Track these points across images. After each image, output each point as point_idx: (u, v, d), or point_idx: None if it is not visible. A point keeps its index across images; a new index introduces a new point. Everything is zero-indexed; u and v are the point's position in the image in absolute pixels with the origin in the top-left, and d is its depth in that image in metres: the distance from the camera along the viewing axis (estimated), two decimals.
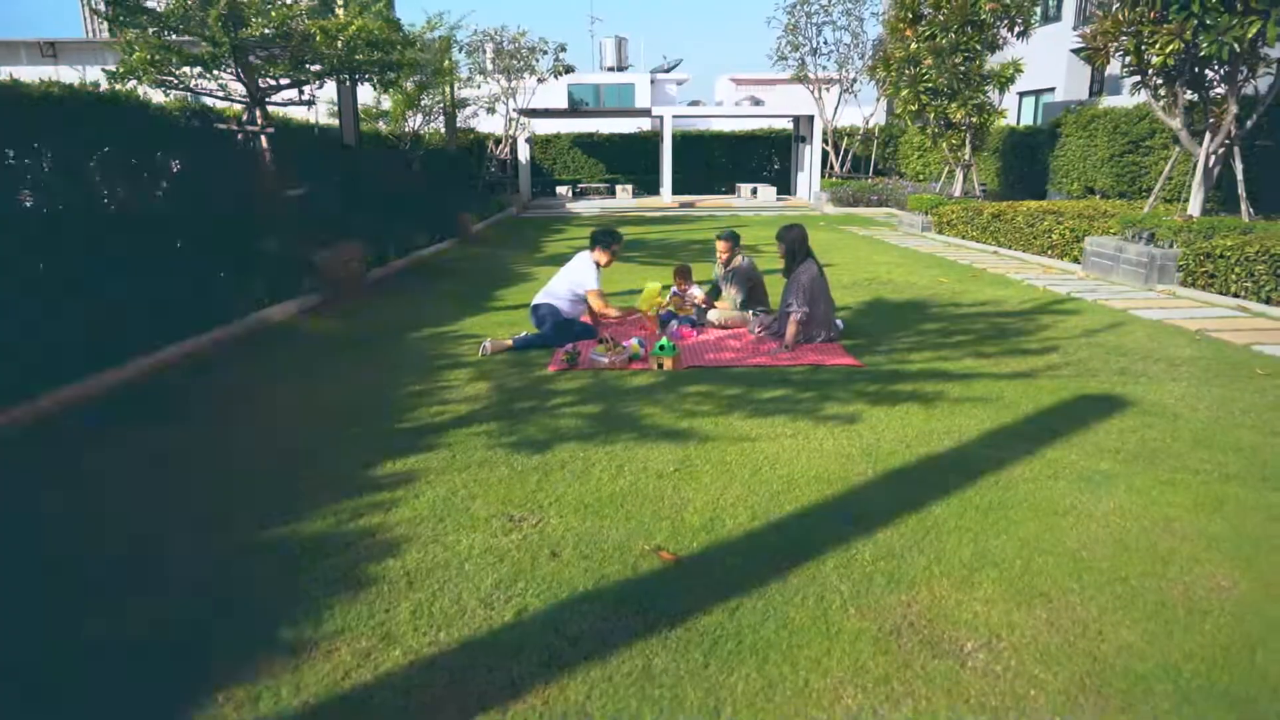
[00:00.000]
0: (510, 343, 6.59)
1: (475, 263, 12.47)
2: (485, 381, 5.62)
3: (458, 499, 3.71)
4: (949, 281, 10.07)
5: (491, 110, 23.54)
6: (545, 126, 29.93)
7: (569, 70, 24.42)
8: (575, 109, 29.56)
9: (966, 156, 16.83)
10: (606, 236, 7.18)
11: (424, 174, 17.75)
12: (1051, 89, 22.45)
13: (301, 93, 10.16)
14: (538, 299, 7.03)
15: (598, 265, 7.07)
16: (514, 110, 24.09)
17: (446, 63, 17.39)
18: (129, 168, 6.93)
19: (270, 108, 11.41)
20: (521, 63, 23.37)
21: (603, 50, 40.32)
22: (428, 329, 7.44)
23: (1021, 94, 23.14)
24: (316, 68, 9.39)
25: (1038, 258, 12.10)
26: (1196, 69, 9.83)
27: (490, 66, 22.97)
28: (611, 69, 39.67)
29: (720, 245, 7.29)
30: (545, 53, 23.69)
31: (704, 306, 7.41)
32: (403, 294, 9.65)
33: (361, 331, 7.45)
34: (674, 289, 7.68)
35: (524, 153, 26.28)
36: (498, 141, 24.71)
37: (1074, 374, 5.76)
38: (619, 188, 27.11)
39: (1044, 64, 20.98)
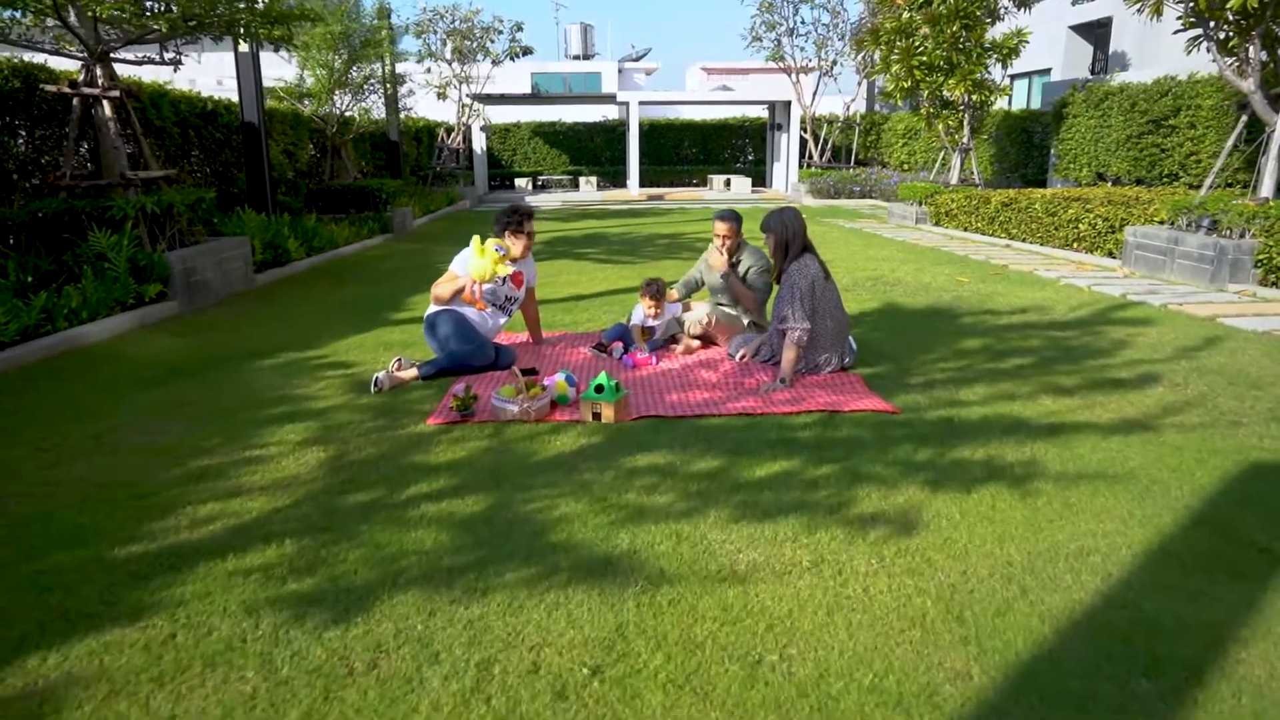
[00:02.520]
0: (415, 374, 4.62)
1: (401, 262, 10.43)
2: (321, 448, 3.63)
3: None
4: (969, 281, 8.20)
5: (443, 96, 21.46)
6: (504, 115, 27.86)
7: (527, 52, 22.41)
8: (535, 95, 27.51)
9: (965, 139, 15.03)
10: (505, 215, 5.14)
11: (352, 161, 15.67)
12: (1047, 70, 20.77)
13: (166, 50, 8.08)
14: (433, 308, 5.05)
15: (501, 253, 5.07)
16: (467, 95, 22.03)
17: (384, 33, 15.29)
18: None
19: (137, 72, 9.33)
20: (475, 43, 21.33)
21: (567, 37, 38.32)
22: (290, 353, 5.43)
23: (1014, 76, 21.43)
24: (173, 13, 7.32)
25: (1063, 252, 10.28)
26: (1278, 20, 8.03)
27: (442, 48, 20.91)
28: (577, 57, 37.66)
29: (721, 227, 5.20)
30: (500, 33, 21.69)
31: (676, 313, 5.49)
32: (290, 302, 7.61)
33: (202, 355, 5.42)
34: (639, 315, 5.55)
35: (479, 142, 24.20)
36: (450, 130, 22.62)
37: (1209, 422, 3.89)
38: (583, 180, 25.10)
39: (1039, 42, 19.25)
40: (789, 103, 22.99)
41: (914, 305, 6.97)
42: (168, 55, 8.18)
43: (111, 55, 7.54)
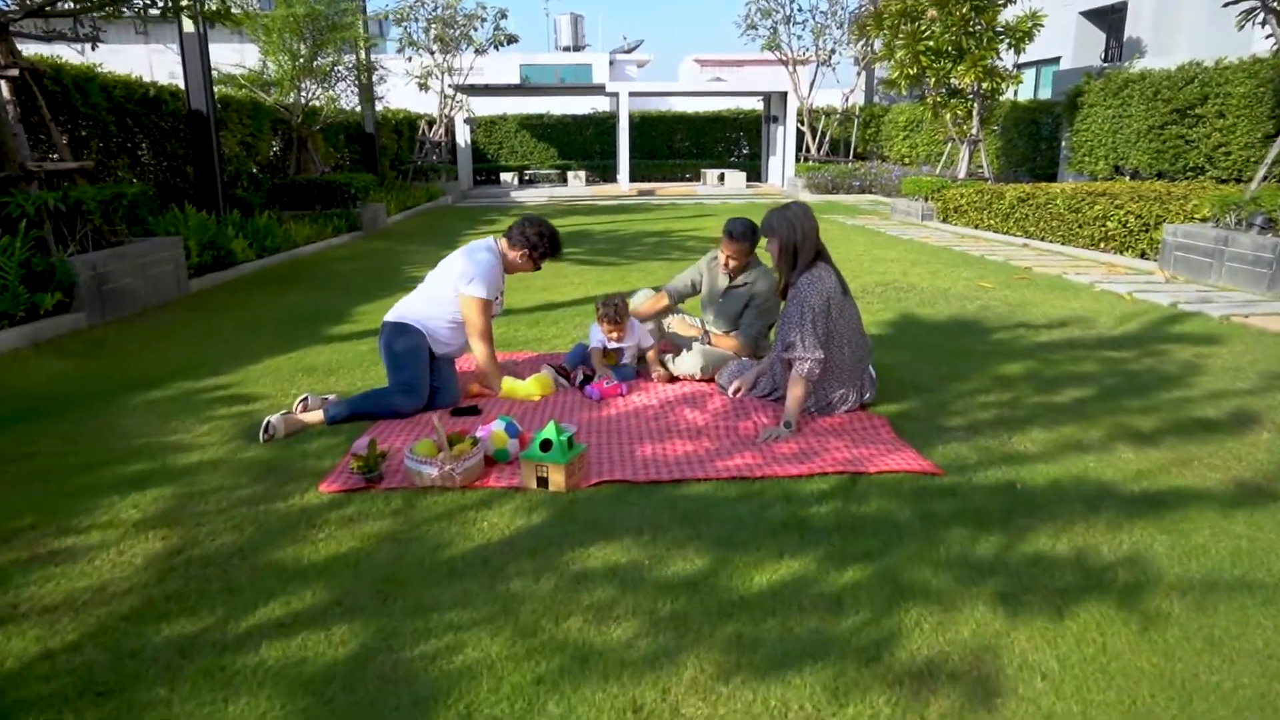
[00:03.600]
0: (319, 417, 3.66)
1: (364, 263, 9.43)
2: (162, 534, 2.65)
3: None
4: (992, 286, 7.26)
5: (424, 86, 20.45)
6: (490, 107, 26.82)
7: (512, 40, 21.37)
8: (520, 86, 26.51)
9: (974, 131, 14.07)
10: (534, 232, 4.15)
11: (321, 154, 14.67)
12: (1056, 59, 19.84)
13: (81, 26, 7.09)
14: (391, 314, 4.07)
15: (498, 261, 4.12)
16: (449, 86, 21.01)
17: (354, 16, 14.28)
18: None
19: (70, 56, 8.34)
20: (458, 31, 20.32)
21: (557, 28, 37.37)
22: (187, 381, 4.46)
23: (1021, 65, 20.46)
24: None
25: (1089, 252, 9.34)
26: None
27: (424, 36, 19.90)
28: (567, 48, 36.67)
29: (729, 247, 4.23)
30: (485, 20, 20.68)
31: (701, 338, 4.51)
32: (222, 312, 6.63)
33: (79, 385, 4.44)
34: (597, 337, 4.43)
35: (463, 135, 23.19)
36: (431, 122, 21.60)
37: None
38: (571, 174, 24.08)
39: (1048, 29, 18.30)
40: (785, 94, 22.00)
41: (934, 317, 6.02)
42: (83, 31, 7.18)
43: (11, 29, 6.55)
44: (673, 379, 4.31)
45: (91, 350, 5.32)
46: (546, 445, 2.92)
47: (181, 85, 9.99)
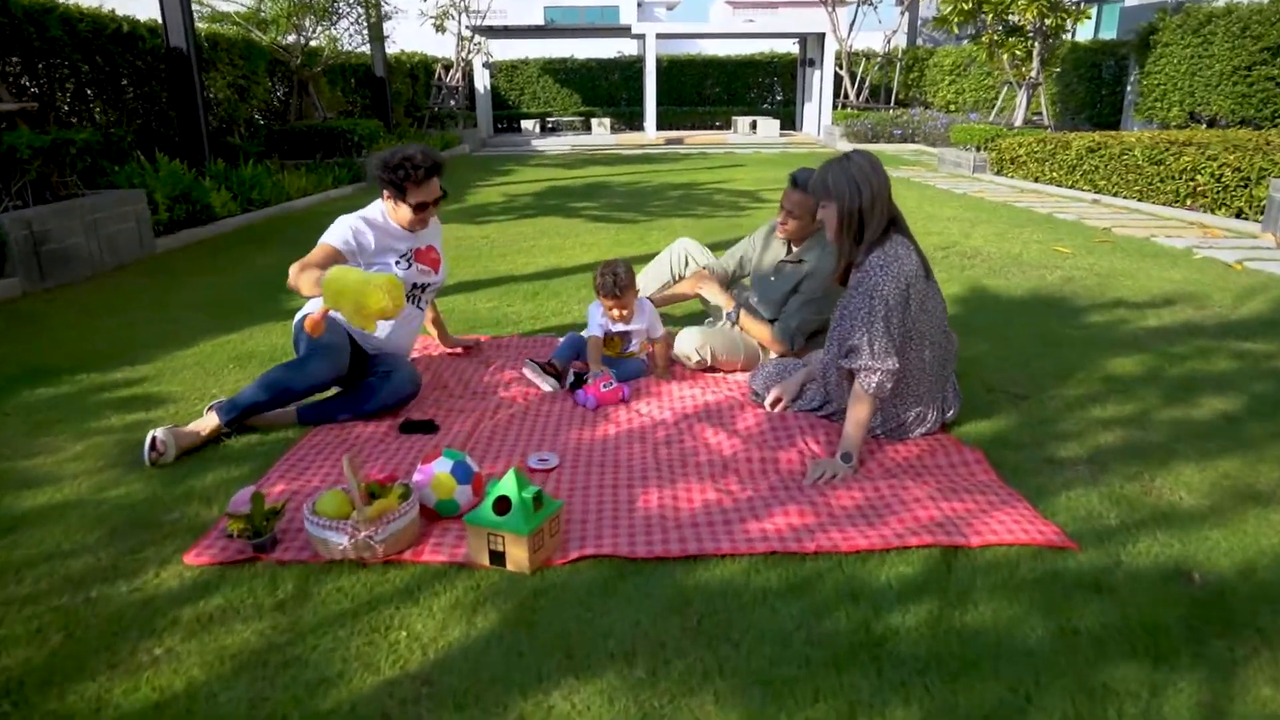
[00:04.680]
0: (213, 423, 2.78)
1: None
2: None
3: None
4: (1071, 251, 6.21)
5: (440, 28, 19.32)
6: (511, 50, 25.63)
7: None
8: (541, 27, 25.22)
9: (1034, 73, 12.79)
10: (380, 170, 3.06)
11: (324, 99, 13.71)
12: None
13: None
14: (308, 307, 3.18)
15: (375, 216, 3.15)
16: (467, 27, 19.85)
17: None
18: None
19: None
20: None
21: None
22: (92, 372, 3.60)
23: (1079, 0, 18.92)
24: None
25: (1173, 210, 8.20)
26: None
27: None
28: None
29: (790, 199, 3.23)
30: None
31: (729, 314, 3.52)
32: (183, 277, 5.78)
33: None
34: (596, 321, 3.42)
35: (482, 79, 22.07)
36: (448, 66, 20.48)
37: None
38: (595, 122, 22.95)
39: None
40: (822, 36, 20.59)
41: (1010, 292, 5.01)
42: None
43: None
44: (669, 364, 3.41)
45: (6, 326, 4.49)
46: (503, 505, 2.02)
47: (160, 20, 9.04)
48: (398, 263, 3.11)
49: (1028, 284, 5.20)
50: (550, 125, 24.25)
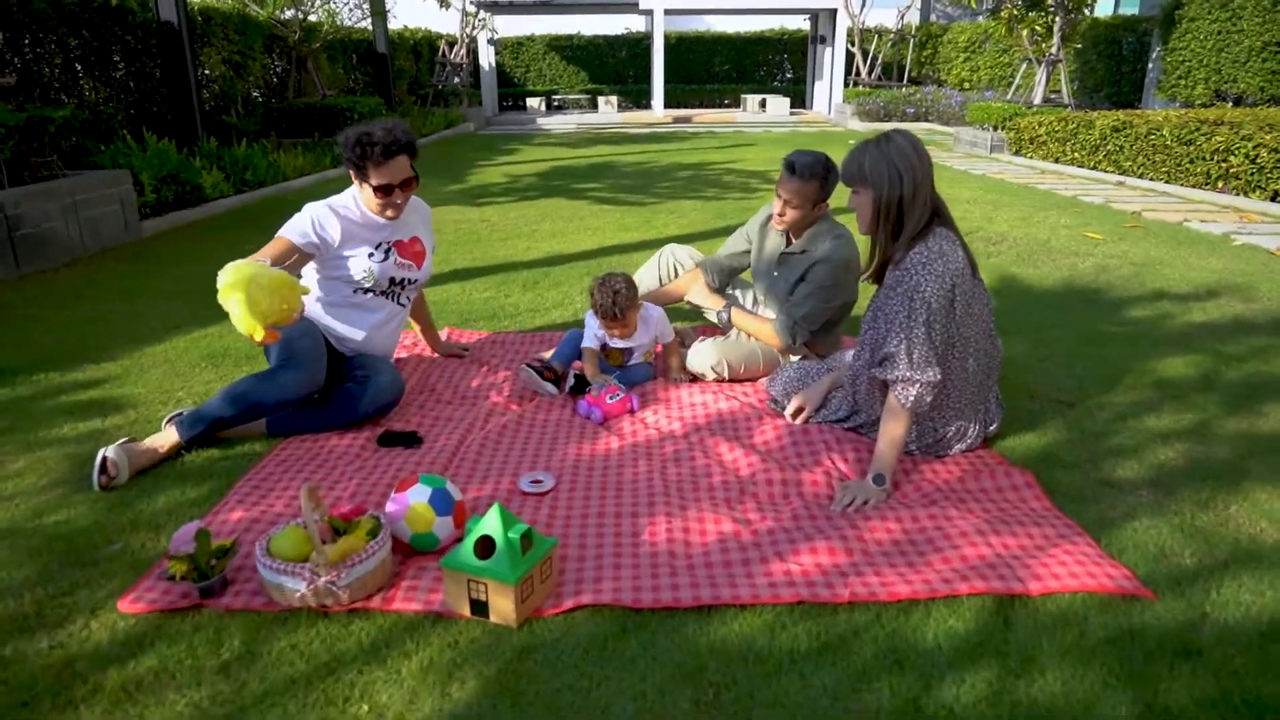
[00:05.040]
0: (172, 439, 2.50)
1: None
2: None
3: None
4: (1102, 238, 5.88)
5: (445, 3, 18.89)
6: (516, 26, 25.18)
7: None
8: (548, 3, 24.73)
9: (1054, 49, 12.37)
10: (345, 150, 2.71)
11: (324, 76, 13.37)
12: None
13: None
14: None
15: (345, 204, 2.83)
16: (472, 2, 19.43)
17: None
18: None
19: None
20: None
21: None
22: (50, 372, 3.33)
23: None
24: None
25: (1205, 193, 7.84)
26: None
27: None
28: None
29: (789, 185, 2.89)
30: None
31: (720, 314, 3.27)
32: (164, 263, 5.50)
33: None
34: (594, 330, 3.09)
35: (486, 56, 21.64)
36: (452, 43, 20.06)
37: None
38: (602, 99, 22.50)
39: None
40: (834, 12, 20.12)
41: (1042, 282, 4.70)
42: None
43: None
44: (693, 379, 3.10)
45: None
46: (487, 547, 1.73)
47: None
48: (371, 255, 2.80)
49: (1059, 273, 4.88)
50: (556, 103, 23.82)
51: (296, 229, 2.69)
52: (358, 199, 2.81)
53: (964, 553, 1.93)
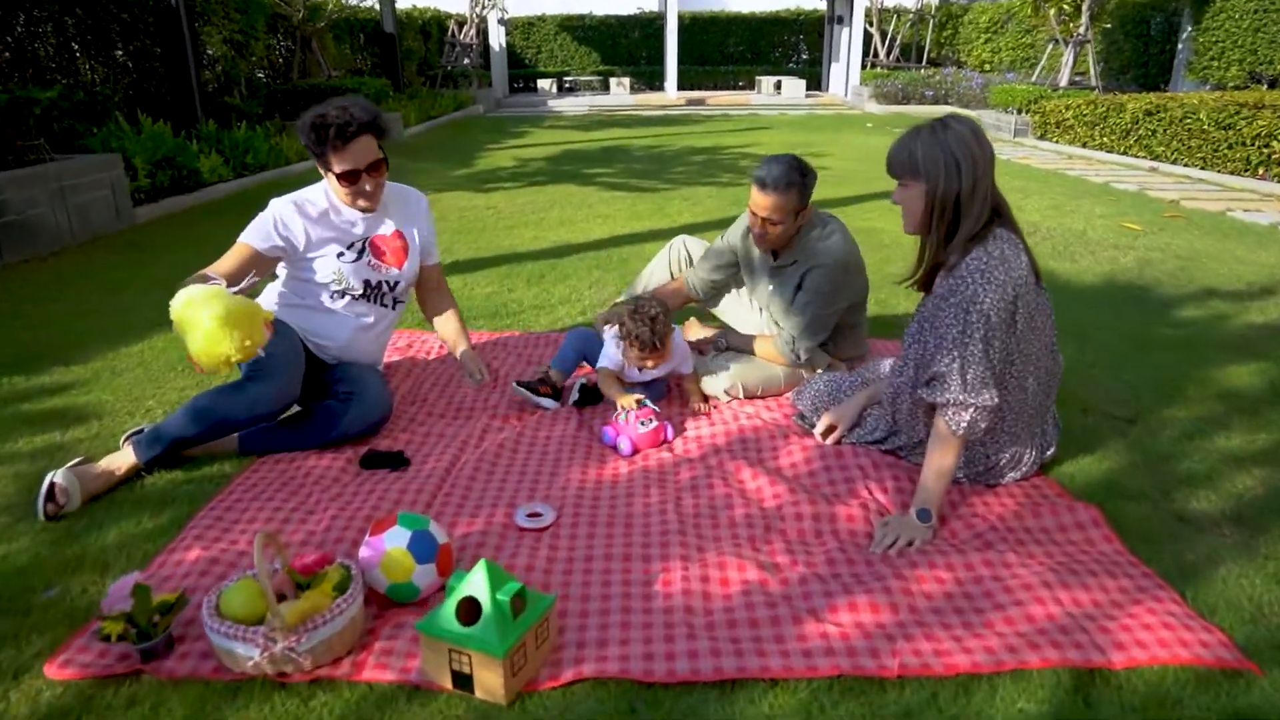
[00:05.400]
0: (129, 461, 2.24)
1: None
2: None
3: None
4: (1142, 229, 5.55)
5: None
6: (527, 6, 24.72)
7: None
8: None
9: (1082, 29, 11.95)
10: (304, 134, 2.41)
11: (329, 56, 13.08)
12: None
13: None
14: (268, 299, 2.63)
15: (313, 198, 2.55)
16: None
17: None
18: None
19: None
20: None
21: None
22: (14, 376, 3.08)
23: None
24: None
25: (1244, 180, 7.48)
26: None
27: None
28: None
29: (761, 200, 2.56)
30: None
31: (717, 342, 2.99)
32: (155, 252, 5.25)
33: None
34: (613, 356, 2.71)
35: (497, 37, 21.26)
36: (461, 23, 19.70)
37: None
38: (614, 81, 22.11)
39: None
40: None
41: (1082, 278, 4.39)
42: None
43: None
44: (704, 398, 2.80)
45: None
46: (471, 610, 1.47)
47: None
48: (342, 255, 2.52)
49: (1099, 268, 4.57)
50: (567, 85, 23.43)
51: (258, 231, 2.42)
52: (329, 191, 2.53)
53: (1030, 611, 1.66)
